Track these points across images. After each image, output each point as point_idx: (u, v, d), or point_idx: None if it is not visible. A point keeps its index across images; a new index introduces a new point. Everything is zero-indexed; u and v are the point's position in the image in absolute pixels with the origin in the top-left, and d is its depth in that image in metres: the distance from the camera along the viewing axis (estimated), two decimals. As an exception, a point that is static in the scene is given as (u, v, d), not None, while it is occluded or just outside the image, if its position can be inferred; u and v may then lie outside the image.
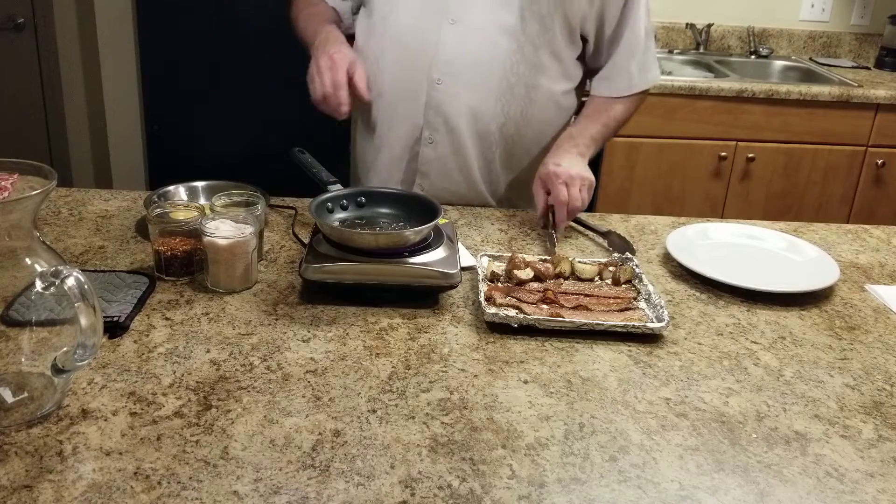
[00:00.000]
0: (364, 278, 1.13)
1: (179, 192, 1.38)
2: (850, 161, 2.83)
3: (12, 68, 2.75)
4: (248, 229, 1.15)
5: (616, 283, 1.22)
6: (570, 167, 1.39)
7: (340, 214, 1.25)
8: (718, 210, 2.87)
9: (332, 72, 1.36)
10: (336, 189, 1.29)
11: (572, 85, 1.53)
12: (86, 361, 0.82)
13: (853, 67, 3.16)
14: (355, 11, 1.59)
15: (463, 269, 1.21)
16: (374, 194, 1.30)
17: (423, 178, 1.54)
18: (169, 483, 0.79)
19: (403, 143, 1.51)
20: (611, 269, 1.24)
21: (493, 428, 0.90)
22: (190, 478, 0.80)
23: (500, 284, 1.20)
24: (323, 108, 1.40)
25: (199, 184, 1.41)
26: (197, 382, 0.95)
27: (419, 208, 1.23)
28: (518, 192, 1.59)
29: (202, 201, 1.36)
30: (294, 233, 1.36)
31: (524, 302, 1.15)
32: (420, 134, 1.49)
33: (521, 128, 1.50)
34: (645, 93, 1.58)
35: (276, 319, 1.09)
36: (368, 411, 0.91)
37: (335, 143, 1.89)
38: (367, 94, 1.41)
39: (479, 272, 1.21)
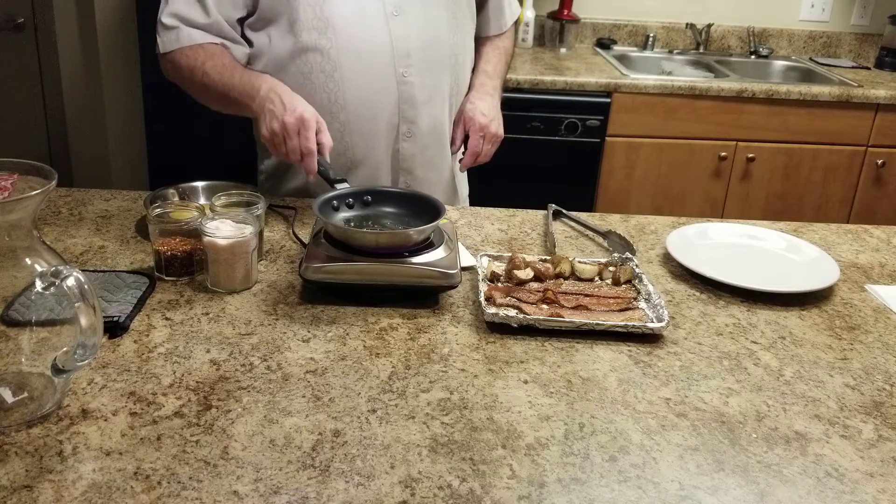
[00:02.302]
0: (364, 278, 1.13)
1: (179, 192, 1.37)
2: (850, 161, 2.83)
3: (12, 68, 2.75)
4: (248, 229, 1.15)
5: (616, 283, 1.22)
6: (492, 120, 1.51)
7: (345, 213, 1.25)
8: (718, 210, 2.87)
9: (300, 137, 1.27)
10: (342, 187, 1.28)
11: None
12: (86, 361, 0.82)
13: (853, 67, 3.16)
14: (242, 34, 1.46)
15: (463, 269, 1.21)
16: (380, 193, 1.29)
17: (406, 175, 1.53)
18: (169, 483, 0.79)
19: (382, 146, 1.48)
20: (611, 269, 1.24)
21: (493, 428, 0.90)
22: (190, 478, 0.80)
23: (500, 284, 1.20)
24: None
25: (199, 184, 1.41)
26: (197, 382, 0.95)
27: (424, 208, 1.23)
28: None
29: (202, 201, 1.36)
30: (294, 233, 1.36)
31: (524, 302, 1.15)
32: (397, 131, 1.48)
33: (460, 96, 1.57)
34: (515, 25, 1.75)
35: (276, 319, 1.09)
36: (368, 411, 0.91)
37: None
38: (328, 160, 1.31)
39: (479, 272, 1.21)
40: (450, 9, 1.47)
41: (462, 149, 1.54)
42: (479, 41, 1.64)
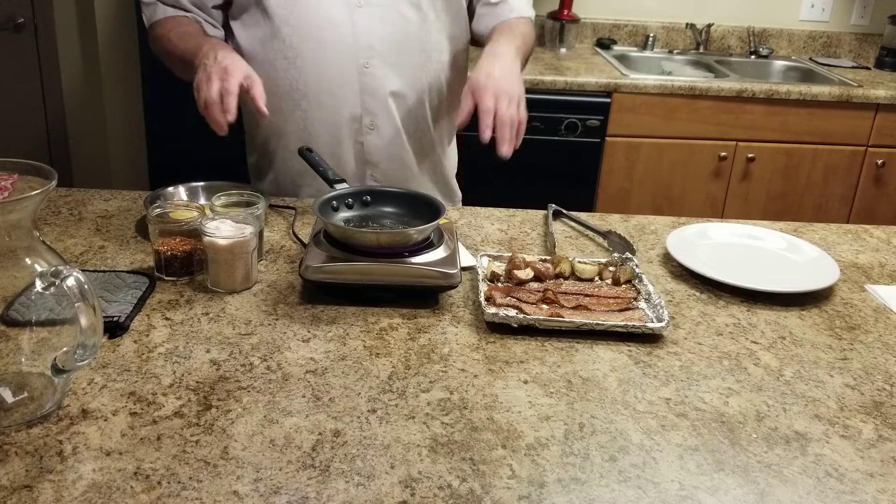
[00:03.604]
0: (364, 278, 1.13)
1: (179, 192, 1.38)
2: (850, 161, 2.83)
3: (12, 68, 2.75)
4: (248, 229, 1.15)
5: (616, 283, 1.22)
6: (501, 78, 1.32)
7: (345, 213, 1.26)
8: (718, 210, 2.87)
9: (222, 81, 1.23)
10: (342, 188, 1.29)
11: (466, 44, 1.58)
12: (86, 361, 0.82)
13: (853, 67, 3.16)
14: (225, 23, 1.50)
15: (463, 269, 1.21)
16: (379, 193, 1.30)
17: (373, 169, 1.52)
18: (169, 483, 0.79)
19: (345, 137, 1.48)
20: (611, 269, 1.24)
21: (493, 428, 0.90)
22: (190, 478, 0.80)
23: (500, 284, 1.20)
24: (208, 118, 1.25)
25: (199, 184, 1.41)
26: (197, 382, 0.95)
27: (424, 207, 1.23)
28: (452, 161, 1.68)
29: (202, 201, 1.36)
30: (294, 233, 1.36)
31: (524, 302, 1.15)
32: (360, 123, 1.48)
33: (443, 96, 1.54)
34: (530, 23, 1.60)
35: (276, 319, 1.09)
36: (368, 411, 0.91)
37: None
38: (265, 111, 1.26)
39: (479, 272, 1.21)
40: (420, 6, 1.45)
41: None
42: (492, 29, 1.52)
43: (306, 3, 1.41)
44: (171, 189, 1.37)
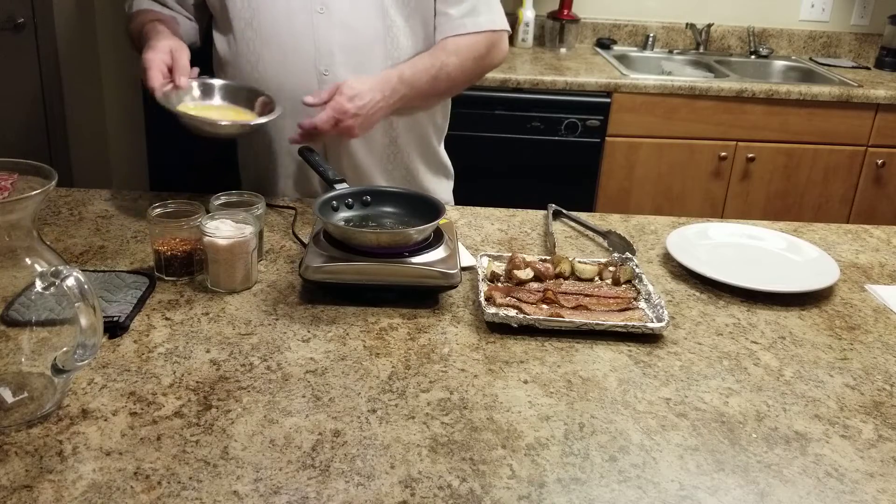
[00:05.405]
0: (364, 278, 1.13)
1: (193, 87, 1.37)
2: (850, 161, 2.83)
3: (12, 68, 2.75)
4: (248, 229, 1.15)
5: (616, 283, 1.22)
6: (356, 116, 1.34)
7: (345, 213, 1.26)
8: (718, 210, 2.87)
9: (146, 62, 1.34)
10: (342, 188, 1.29)
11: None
12: (86, 361, 0.82)
13: (853, 67, 3.16)
14: (206, 30, 1.53)
15: (463, 269, 1.21)
16: (379, 193, 1.30)
17: (341, 172, 1.49)
18: (169, 483, 0.79)
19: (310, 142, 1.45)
20: (611, 269, 1.24)
21: (493, 428, 0.90)
22: (190, 478, 0.80)
23: (500, 284, 1.20)
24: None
25: (216, 82, 1.41)
26: (197, 382, 0.95)
27: (424, 207, 1.23)
28: (428, 163, 1.62)
29: (217, 99, 1.37)
30: (294, 233, 1.36)
31: (524, 302, 1.15)
32: None
33: (412, 100, 1.49)
34: (490, 41, 1.49)
35: (276, 319, 1.09)
36: (368, 411, 0.91)
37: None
38: (182, 82, 1.35)
39: (479, 272, 1.21)
40: (387, 12, 1.41)
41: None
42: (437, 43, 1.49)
43: (268, 7, 1.40)
44: (183, 81, 1.35)
